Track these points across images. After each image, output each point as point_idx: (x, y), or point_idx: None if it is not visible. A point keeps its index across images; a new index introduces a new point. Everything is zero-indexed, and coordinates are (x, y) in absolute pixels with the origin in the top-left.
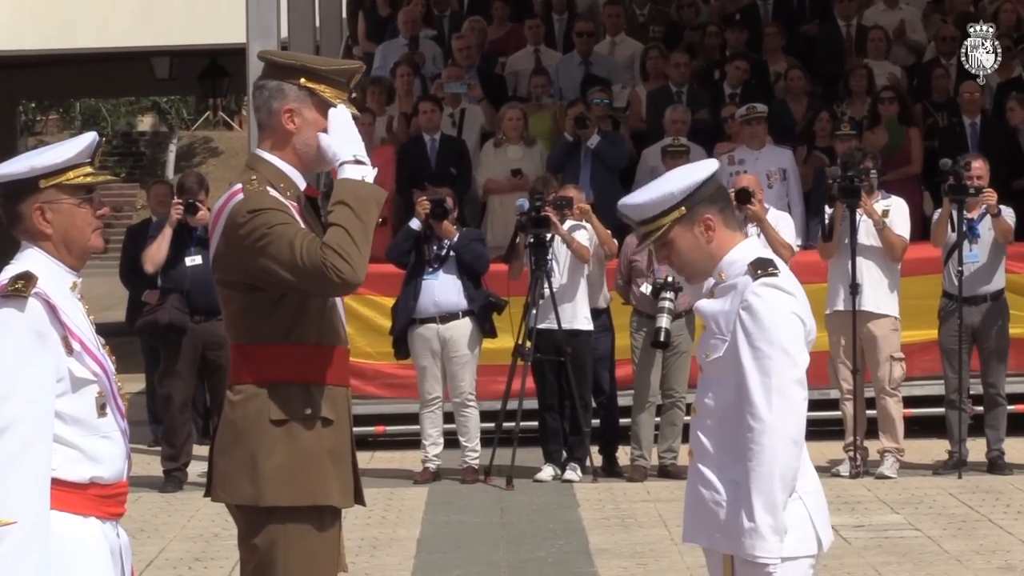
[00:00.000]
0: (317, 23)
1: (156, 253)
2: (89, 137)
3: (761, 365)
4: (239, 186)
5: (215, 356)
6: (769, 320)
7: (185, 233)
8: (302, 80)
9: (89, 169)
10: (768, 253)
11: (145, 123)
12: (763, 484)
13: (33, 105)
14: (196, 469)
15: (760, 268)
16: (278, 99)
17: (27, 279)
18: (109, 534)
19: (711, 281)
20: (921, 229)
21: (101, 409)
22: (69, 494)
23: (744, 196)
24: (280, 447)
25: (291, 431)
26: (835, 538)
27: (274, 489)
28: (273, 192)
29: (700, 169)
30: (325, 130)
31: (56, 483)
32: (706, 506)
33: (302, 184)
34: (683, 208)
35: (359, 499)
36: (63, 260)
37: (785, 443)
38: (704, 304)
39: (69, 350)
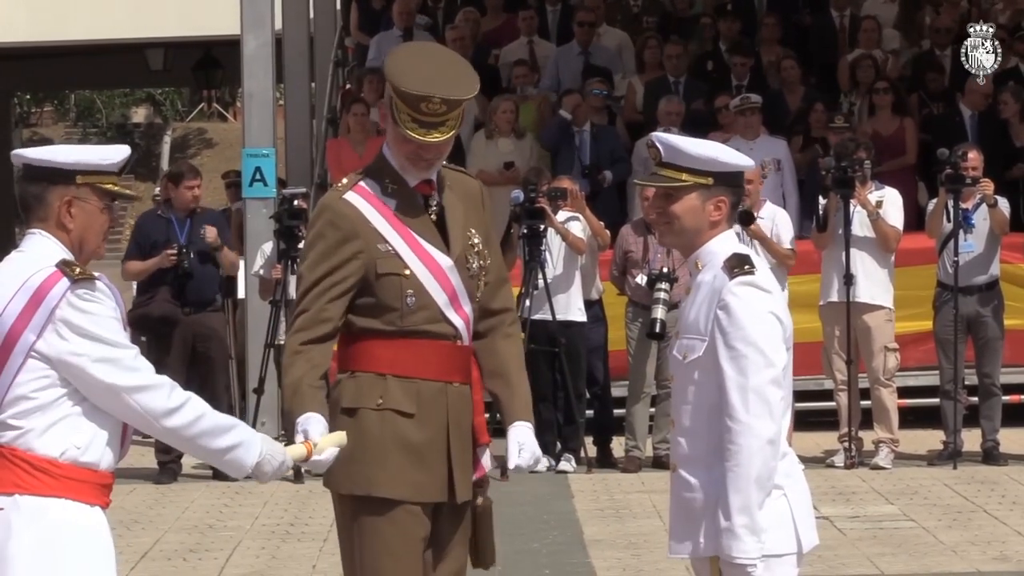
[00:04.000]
0: (311, 14)
1: (139, 274)
2: (126, 150)
3: (738, 365)
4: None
5: (205, 348)
6: (745, 319)
7: (175, 227)
8: (390, 85)
9: (116, 179)
10: (742, 248)
11: (140, 115)
12: (740, 484)
13: (28, 97)
14: (190, 460)
15: (736, 266)
16: (385, 97)
17: (74, 265)
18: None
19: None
20: (916, 220)
21: None
22: (81, 483)
23: (747, 218)
24: (348, 435)
25: (360, 420)
26: (830, 529)
27: (338, 476)
28: (355, 193)
29: (743, 160)
30: (398, 140)
31: (76, 466)
32: (691, 512)
33: (412, 180)
34: (711, 180)
35: (452, 495)
36: (73, 255)
37: (761, 444)
38: (684, 303)
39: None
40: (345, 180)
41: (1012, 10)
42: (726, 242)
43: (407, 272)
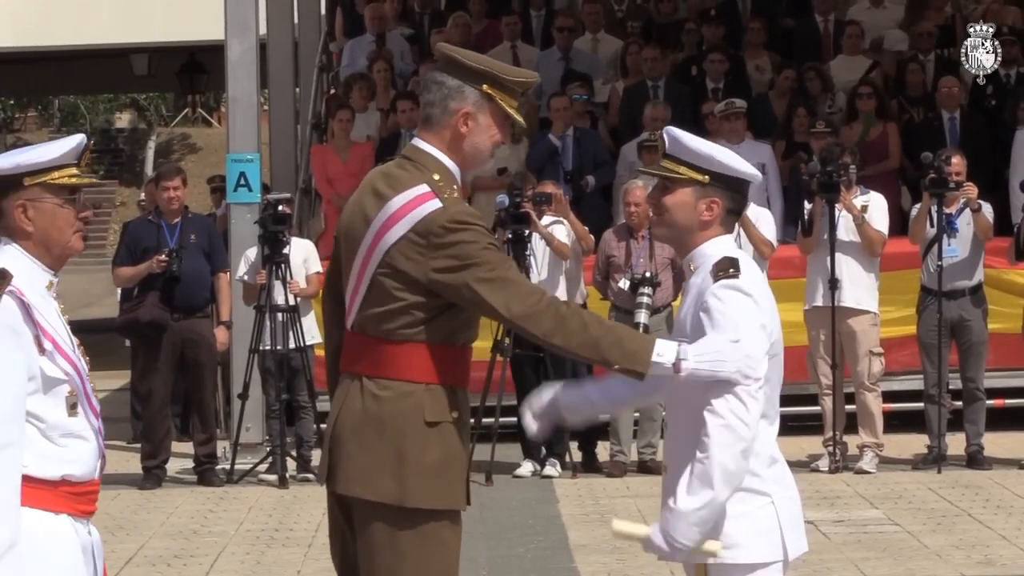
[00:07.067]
0: (296, 19)
1: (130, 279)
2: (76, 139)
3: (715, 366)
4: (428, 190)
5: (194, 354)
6: (723, 322)
7: (165, 232)
8: (484, 86)
9: (75, 171)
10: (735, 252)
11: (124, 120)
12: (707, 476)
13: (12, 102)
14: (175, 466)
15: (722, 269)
16: (456, 100)
17: (1, 276)
18: (81, 531)
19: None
20: (899, 224)
21: (72, 408)
22: (41, 491)
23: None
24: (432, 449)
25: (442, 434)
26: (814, 533)
27: (422, 490)
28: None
29: (745, 167)
30: (495, 136)
31: (28, 480)
32: None
33: (459, 183)
34: (707, 178)
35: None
36: (41, 259)
37: (734, 438)
38: (680, 306)
39: (41, 349)
40: (444, 186)
41: (991, 14)
42: (720, 245)
43: None
